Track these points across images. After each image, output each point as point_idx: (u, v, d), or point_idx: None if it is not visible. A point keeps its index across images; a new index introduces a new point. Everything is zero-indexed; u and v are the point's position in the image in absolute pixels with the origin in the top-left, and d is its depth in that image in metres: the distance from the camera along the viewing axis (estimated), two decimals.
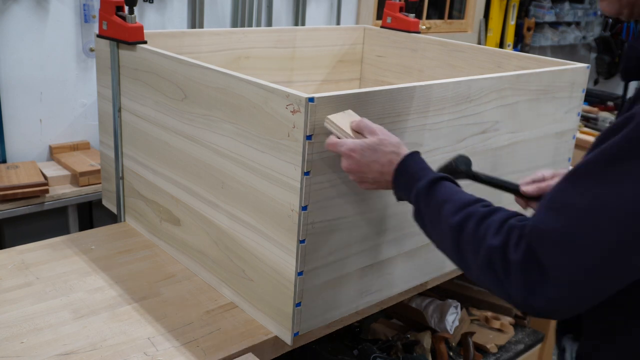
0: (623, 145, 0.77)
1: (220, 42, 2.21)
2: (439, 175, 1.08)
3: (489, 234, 0.91)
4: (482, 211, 0.95)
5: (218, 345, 1.42)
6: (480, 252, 0.92)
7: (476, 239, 0.93)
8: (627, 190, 0.76)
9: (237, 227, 1.52)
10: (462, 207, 0.98)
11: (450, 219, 0.98)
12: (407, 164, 1.13)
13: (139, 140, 1.85)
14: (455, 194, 1.03)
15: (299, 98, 1.25)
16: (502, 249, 0.89)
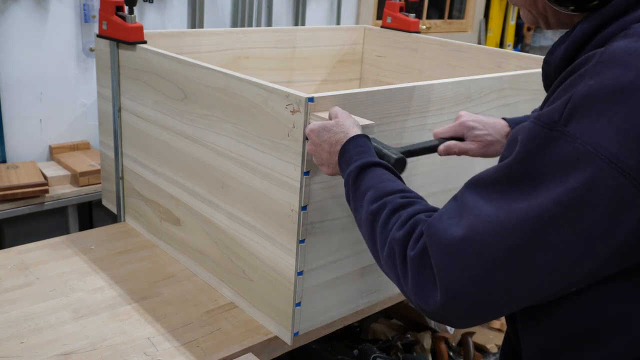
0: (516, 164, 0.76)
1: (220, 42, 2.21)
2: (372, 161, 1.04)
3: (396, 226, 0.89)
4: (398, 202, 0.93)
5: (218, 345, 1.42)
6: (386, 242, 0.90)
7: (385, 229, 0.91)
8: (520, 207, 0.74)
9: (237, 227, 1.52)
10: (381, 196, 0.96)
11: (369, 206, 0.96)
12: (349, 146, 1.09)
13: (139, 140, 1.85)
14: (382, 181, 1.00)
15: (298, 98, 1.25)
16: (403, 242, 0.86)
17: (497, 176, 0.78)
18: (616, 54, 0.70)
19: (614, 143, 0.68)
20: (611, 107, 0.68)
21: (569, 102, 0.72)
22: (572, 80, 0.75)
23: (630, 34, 0.72)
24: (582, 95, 0.71)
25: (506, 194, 0.76)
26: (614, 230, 0.71)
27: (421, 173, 1.57)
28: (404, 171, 1.16)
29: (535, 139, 0.74)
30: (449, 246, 0.79)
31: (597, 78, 0.70)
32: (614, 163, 0.68)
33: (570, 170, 0.71)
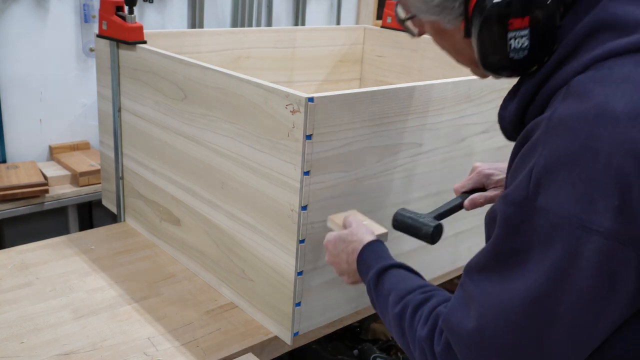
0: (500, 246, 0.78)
1: (220, 42, 2.21)
2: (388, 264, 1.07)
3: (420, 325, 0.92)
4: (418, 299, 0.95)
5: (218, 345, 1.42)
6: (415, 342, 0.92)
7: (412, 329, 0.93)
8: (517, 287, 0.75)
9: (237, 227, 1.52)
10: (402, 297, 0.98)
11: (393, 309, 0.98)
12: (365, 253, 1.12)
13: (139, 140, 1.85)
14: (401, 282, 1.02)
15: (298, 98, 1.25)
16: (429, 340, 0.89)
17: (487, 260, 0.80)
18: (562, 121, 0.72)
19: (583, 208, 0.69)
20: (571, 175, 0.70)
21: (532, 176, 0.73)
22: (528, 149, 0.76)
23: (571, 94, 0.73)
24: (541, 167, 0.72)
25: (501, 276, 0.78)
26: (615, 287, 0.71)
27: (421, 173, 1.57)
28: (441, 236, 1.19)
29: (510, 219, 0.76)
30: (466, 340, 0.81)
31: (550, 148, 0.72)
32: (588, 227, 0.69)
33: (551, 242, 0.72)
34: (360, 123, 1.36)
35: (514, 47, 0.79)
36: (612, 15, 0.75)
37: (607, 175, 0.68)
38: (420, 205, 1.62)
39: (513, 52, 0.80)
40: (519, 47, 0.79)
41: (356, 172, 1.40)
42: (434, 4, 0.86)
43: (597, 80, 0.72)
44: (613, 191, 0.67)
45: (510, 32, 0.78)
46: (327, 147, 1.32)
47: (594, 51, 0.75)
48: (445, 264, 1.83)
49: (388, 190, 1.51)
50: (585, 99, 0.71)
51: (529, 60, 0.80)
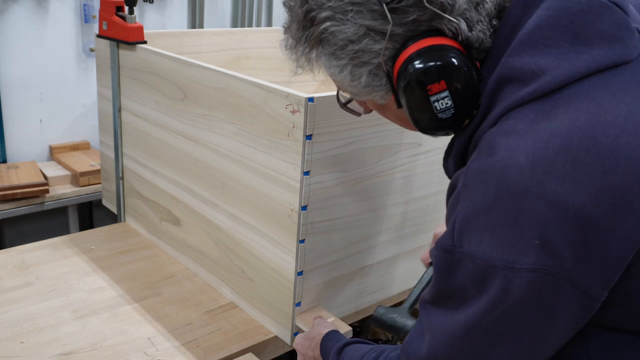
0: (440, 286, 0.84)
1: (220, 42, 2.21)
2: (343, 343, 1.18)
3: None
4: (372, 356, 1.04)
5: (218, 345, 1.42)
6: None
7: None
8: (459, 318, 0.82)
9: (237, 227, 1.52)
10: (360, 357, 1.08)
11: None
12: (324, 342, 1.25)
13: (139, 140, 1.85)
14: (355, 352, 1.13)
15: (298, 98, 1.25)
16: None
17: (433, 295, 0.87)
18: (474, 174, 0.78)
19: (505, 251, 0.74)
20: (488, 223, 0.75)
21: (455, 226, 0.79)
22: (452, 201, 0.83)
23: (482, 148, 0.80)
24: (462, 217, 0.78)
25: (446, 309, 0.84)
26: (554, 315, 0.75)
27: (421, 173, 1.57)
28: None
29: (442, 263, 0.82)
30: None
31: (467, 200, 0.78)
32: (513, 267, 0.73)
33: (483, 282, 0.77)
34: (360, 123, 1.36)
35: (440, 109, 0.84)
36: (510, 69, 0.80)
37: (521, 219, 0.72)
38: (420, 205, 1.62)
39: (440, 113, 0.85)
40: (444, 108, 0.84)
41: (356, 172, 1.40)
42: (362, 85, 0.91)
43: (503, 132, 0.78)
44: (530, 233, 0.72)
45: (432, 97, 0.84)
46: (327, 147, 1.32)
47: (500, 104, 0.81)
48: None
49: (388, 190, 1.51)
50: (493, 152, 0.76)
51: (458, 117, 0.85)
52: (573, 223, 0.70)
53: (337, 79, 0.95)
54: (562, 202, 0.70)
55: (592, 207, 0.70)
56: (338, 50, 0.88)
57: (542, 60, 0.78)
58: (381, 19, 0.82)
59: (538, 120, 0.75)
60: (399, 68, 0.85)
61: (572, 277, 0.72)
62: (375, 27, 0.83)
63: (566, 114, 0.74)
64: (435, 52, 0.82)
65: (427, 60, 0.82)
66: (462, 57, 0.83)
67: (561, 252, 0.71)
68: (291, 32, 0.94)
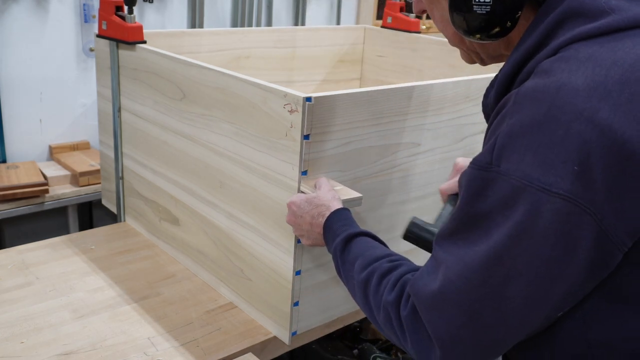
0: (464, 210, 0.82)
1: (220, 42, 2.21)
2: (356, 232, 1.11)
3: (387, 290, 0.95)
4: (385, 267, 0.99)
5: (218, 345, 1.42)
6: (380, 307, 0.95)
7: (377, 294, 0.96)
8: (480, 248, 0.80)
9: (235, 226, 1.52)
10: (370, 263, 1.02)
11: (359, 275, 1.02)
12: (332, 220, 1.16)
13: (139, 140, 1.85)
14: (368, 249, 1.06)
15: (296, 98, 1.25)
16: (395, 304, 0.92)
17: (453, 225, 0.84)
18: (527, 92, 0.77)
19: (544, 172, 0.73)
20: (533, 141, 0.74)
21: (496, 143, 0.78)
22: (497, 121, 0.81)
23: (538, 73, 0.78)
24: (505, 134, 0.77)
25: (466, 240, 0.82)
26: (572, 250, 0.75)
27: (419, 173, 1.57)
28: None
29: (474, 182, 0.80)
30: (431, 301, 0.85)
31: (516, 117, 0.77)
32: (548, 190, 0.73)
33: (512, 205, 0.76)
34: (358, 123, 1.36)
35: (478, 1, 0.84)
36: (579, 4, 0.80)
37: (567, 141, 0.72)
38: (419, 205, 1.62)
39: (477, 6, 0.84)
40: (482, 2, 0.84)
41: (354, 171, 1.41)
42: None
43: (563, 59, 0.77)
44: (573, 156, 0.71)
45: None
46: (325, 147, 1.32)
47: (562, 36, 0.79)
48: None
49: (386, 190, 1.51)
50: (550, 74, 0.76)
51: (491, 17, 0.85)
52: (617, 154, 0.70)
53: None
54: (611, 131, 0.70)
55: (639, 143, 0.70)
56: None
57: (615, 0, 0.78)
58: None
59: (601, 51, 0.75)
60: None
61: (599, 213, 0.72)
62: None
63: (632, 48, 0.74)
64: None
65: None
66: None
67: (596, 185, 0.71)
68: None
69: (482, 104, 0.95)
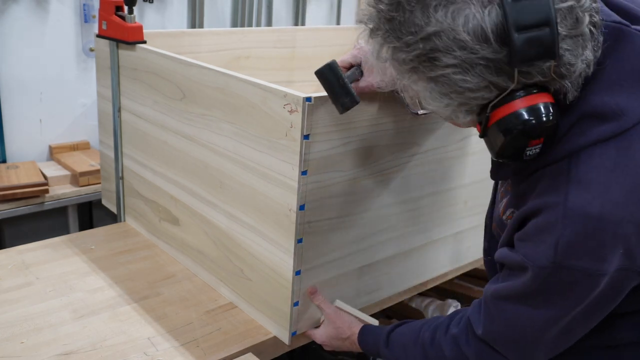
0: (531, 286, 1.00)
1: (220, 42, 2.21)
2: (387, 331, 1.34)
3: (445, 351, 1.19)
4: (428, 337, 1.23)
5: (218, 345, 1.42)
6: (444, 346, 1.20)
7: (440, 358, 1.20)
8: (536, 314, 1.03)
9: (235, 226, 1.52)
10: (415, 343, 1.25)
11: (415, 356, 1.25)
12: (364, 340, 1.41)
13: (139, 140, 1.85)
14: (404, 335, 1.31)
15: (296, 98, 1.25)
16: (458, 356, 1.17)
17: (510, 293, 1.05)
18: (575, 209, 0.93)
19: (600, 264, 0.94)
20: (589, 245, 0.93)
21: (558, 248, 0.94)
22: (544, 224, 0.96)
23: (576, 182, 0.94)
24: (566, 242, 0.94)
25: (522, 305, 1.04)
26: (618, 298, 0.99)
27: (417, 174, 1.57)
28: None
29: (540, 275, 0.98)
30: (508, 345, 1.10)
31: (571, 228, 0.93)
32: (604, 274, 0.94)
33: (576, 287, 0.97)
34: (358, 123, 1.36)
35: (529, 155, 0.96)
36: (594, 107, 0.94)
37: (616, 240, 0.92)
38: (419, 205, 1.62)
39: (526, 157, 0.96)
40: (532, 154, 0.96)
41: (354, 171, 1.41)
42: (456, 118, 0.99)
43: (594, 168, 0.93)
44: (620, 245, 0.92)
45: (529, 148, 0.95)
46: (325, 146, 1.32)
47: (582, 137, 0.94)
48: (445, 263, 1.83)
49: (386, 190, 1.51)
50: (590, 188, 0.93)
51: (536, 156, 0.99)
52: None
53: (428, 106, 0.99)
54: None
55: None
56: (453, 93, 0.92)
57: (621, 100, 0.93)
58: (505, 76, 0.89)
59: (620, 155, 0.92)
60: (507, 114, 0.92)
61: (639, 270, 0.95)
62: (498, 83, 0.89)
63: None
64: (545, 111, 0.91)
65: (540, 117, 0.91)
66: (558, 113, 0.93)
67: (636, 255, 0.93)
68: (391, 48, 0.94)
69: (492, 172, 1.11)
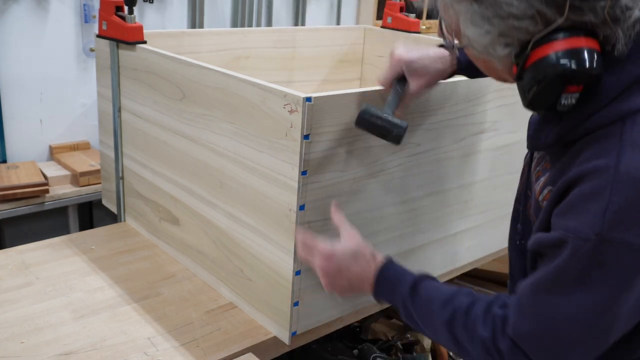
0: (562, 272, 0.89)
1: (220, 42, 2.21)
2: (418, 277, 1.14)
3: (479, 326, 1.01)
4: (465, 303, 1.05)
5: (218, 345, 1.42)
6: (474, 342, 1.02)
7: (468, 331, 1.02)
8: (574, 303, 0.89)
9: (235, 226, 1.52)
10: (447, 303, 1.07)
11: (440, 315, 1.06)
12: (385, 273, 1.17)
13: (139, 140, 1.85)
14: (436, 290, 1.11)
15: (296, 98, 1.26)
16: (492, 339, 0.99)
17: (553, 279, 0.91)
18: (630, 172, 0.82)
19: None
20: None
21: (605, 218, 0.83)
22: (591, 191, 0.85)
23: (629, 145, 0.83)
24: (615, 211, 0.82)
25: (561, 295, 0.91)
26: None
27: (419, 173, 1.57)
28: None
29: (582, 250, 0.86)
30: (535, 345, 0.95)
31: (622, 195, 0.82)
32: None
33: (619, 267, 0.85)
34: None
35: (563, 103, 0.87)
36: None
37: None
38: (419, 205, 1.62)
39: (560, 106, 0.87)
40: (567, 104, 0.87)
41: (354, 171, 1.41)
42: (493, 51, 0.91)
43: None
44: None
45: (565, 94, 0.86)
46: (325, 146, 1.32)
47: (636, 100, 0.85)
48: (445, 263, 1.83)
49: (386, 190, 1.51)
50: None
51: (571, 110, 0.89)
52: None
53: (467, 32, 0.92)
54: None
55: None
56: (495, 18, 0.86)
57: None
58: (555, 8, 0.82)
59: None
60: (546, 54, 0.84)
61: None
62: (546, 14, 0.83)
63: None
64: (589, 56, 0.83)
65: (581, 62, 0.83)
66: (603, 64, 0.85)
67: None
68: None
69: (532, 137, 1.00)
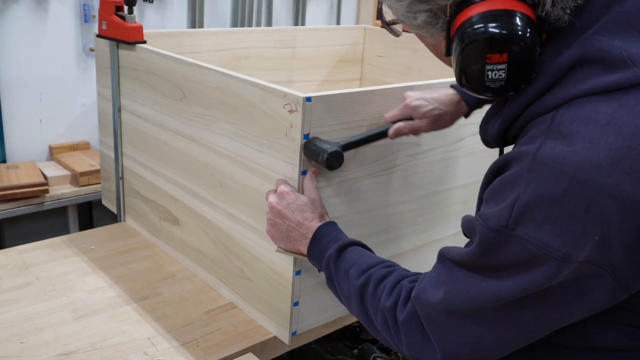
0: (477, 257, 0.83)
1: (220, 42, 2.21)
2: (349, 241, 1.13)
3: (384, 295, 0.97)
4: (381, 273, 1.01)
5: (218, 345, 1.42)
6: (378, 312, 0.98)
7: (375, 299, 0.99)
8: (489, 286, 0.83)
9: (235, 226, 1.52)
10: (365, 270, 1.03)
11: (355, 281, 1.04)
12: (323, 230, 1.18)
13: (139, 140, 1.85)
14: (361, 257, 1.08)
15: (296, 97, 1.25)
16: (392, 309, 0.95)
17: (464, 259, 0.86)
18: (547, 161, 0.74)
19: (563, 242, 0.74)
20: (553, 212, 0.74)
21: (514, 209, 0.77)
22: (509, 180, 0.79)
23: (555, 132, 0.75)
24: (524, 203, 0.76)
25: (475, 274, 0.85)
26: (583, 299, 0.79)
27: (419, 173, 1.57)
28: (341, 165, 1.25)
29: (488, 242, 0.81)
30: (435, 318, 0.89)
31: (534, 186, 0.75)
32: (567, 259, 0.74)
33: (527, 267, 0.78)
34: (358, 123, 1.36)
35: (491, 78, 0.80)
36: (597, 50, 0.76)
37: (589, 215, 0.72)
38: (419, 205, 1.62)
39: (490, 82, 0.81)
40: (496, 79, 0.80)
41: (353, 171, 1.41)
42: (417, 23, 0.88)
43: (582, 120, 0.74)
44: (595, 229, 0.72)
45: (488, 65, 0.79)
46: None
47: (578, 85, 0.76)
48: None
49: (386, 190, 1.51)
50: (570, 141, 0.73)
51: (505, 89, 0.82)
52: (636, 224, 0.71)
53: (393, 3, 0.89)
54: (633, 203, 0.70)
55: None
56: None
57: (635, 48, 0.73)
58: None
59: (621, 112, 0.71)
60: (464, 20, 0.79)
61: (615, 270, 0.74)
62: None
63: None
64: (509, 19, 0.76)
65: (498, 27, 0.76)
66: (533, 31, 0.77)
67: (614, 248, 0.72)
68: None
69: (481, 128, 0.96)
